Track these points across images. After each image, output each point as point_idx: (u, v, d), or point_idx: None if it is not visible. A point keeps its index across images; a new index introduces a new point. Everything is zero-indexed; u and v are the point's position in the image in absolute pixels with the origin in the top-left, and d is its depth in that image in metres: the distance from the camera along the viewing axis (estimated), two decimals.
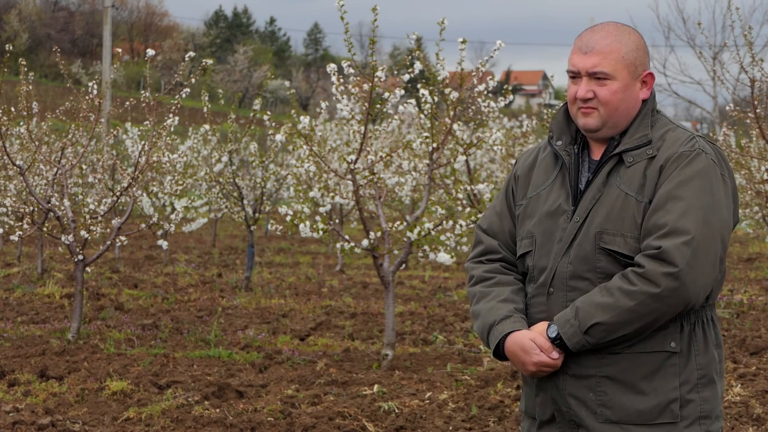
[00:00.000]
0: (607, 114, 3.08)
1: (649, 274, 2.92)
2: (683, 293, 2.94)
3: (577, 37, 3.15)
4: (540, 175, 3.23)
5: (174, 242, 21.41)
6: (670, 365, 3.02)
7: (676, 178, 2.99)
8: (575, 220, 3.09)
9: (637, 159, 3.06)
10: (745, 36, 9.55)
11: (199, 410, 6.89)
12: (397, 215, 18.08)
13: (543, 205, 3.18)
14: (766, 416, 6.77)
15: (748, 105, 10.12)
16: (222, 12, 79.53)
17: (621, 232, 3.02)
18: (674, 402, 3.01)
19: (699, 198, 2.97)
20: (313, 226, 8.55)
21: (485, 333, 3.18)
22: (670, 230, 2.94)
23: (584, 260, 3.05)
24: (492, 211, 3.36)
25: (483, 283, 3.26)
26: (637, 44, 3.11)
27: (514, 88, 68.19)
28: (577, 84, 3.11)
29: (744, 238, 24.44)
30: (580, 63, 3.09)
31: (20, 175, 10.10)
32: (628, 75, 3.08)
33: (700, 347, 3.06)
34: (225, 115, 14.04)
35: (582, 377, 3.06)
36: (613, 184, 3.06)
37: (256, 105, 13.36)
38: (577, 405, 3.06)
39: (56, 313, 11.13)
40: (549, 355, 3.04)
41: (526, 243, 3.20)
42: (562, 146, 3.18)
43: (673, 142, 3.06)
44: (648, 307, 2.94)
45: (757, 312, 11.54)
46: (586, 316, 2.97)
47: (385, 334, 8.66)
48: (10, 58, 10.08)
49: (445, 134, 8.65)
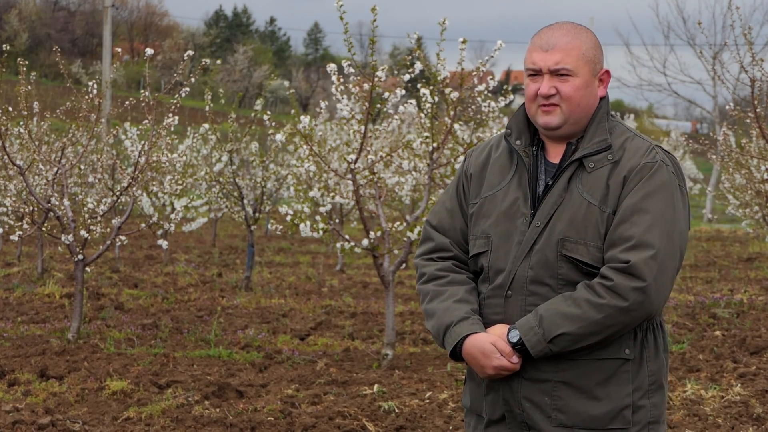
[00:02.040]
0: (569, 110, 3.09)
1: (617, 288, 2.96)
2: (648, 307, 2.99)
3: (535, 36, 3.15)
4: (495, 175, 3.22)
5: (174, 242, 21.41)
6: (623, 372, 3.06)
7: (641, 190, 3.02)
8: (536, 224, 3.09)
9: (599, 164, 3.08)
10: (745, 36, 9.55)
11: (199, 410, 6.89)
12: (397, 215, 18.07)
13: (499, 206, 3.17)
14: (766, 416, 6.78)
15: (748, 105, 10.12)
16: (222, 12, 79.53)
17: (584, 240, 3.04)
18: (627, 408, 3.05)
19: (663, 211, 3.01)
20: (313, 225, 8.55)
21: (441, 333, 3.17)
22: (636, 243, 2.97)
23: (545, 266, 3.06)
24: (442, 208, 3.34)
25: (436, 281, 3.25)
26: (594, 42, 3.14)
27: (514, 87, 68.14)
28: (537, 82, 3.11)
29: (744, 238, 24.43)
30: (542, 60, 3.10)
31: (20, 175, 10.10)
32: (589, 72, 3.11)
33: (651, 353, 3.11)
34: (225, 114, 14.04)
35: (538, 381, 3.07)
36: (575, 190, 3.08)
37: (257, 105, 13.37)
38: (531, 408, 3.08)
39: (56, 312, 11.13)
40: (509, 359, 3.05)
41: (480, 243, 3.19)
42: (521, 146, 3.18)
43: (634, 152, 3.08)
44: (614, 320, 2.98)
45: (757, 312, 11.54)
46: (551, 326, 2.99)
47: (385, 334, 8.66)
48: (9, 57, 10.08)
49: (445, 134, 8.65)
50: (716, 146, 15.13)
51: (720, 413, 6.85)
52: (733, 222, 29.47)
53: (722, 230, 28.19)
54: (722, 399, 7.25)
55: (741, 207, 15.63)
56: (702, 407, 7.03)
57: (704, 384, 7.75)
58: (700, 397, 7.31)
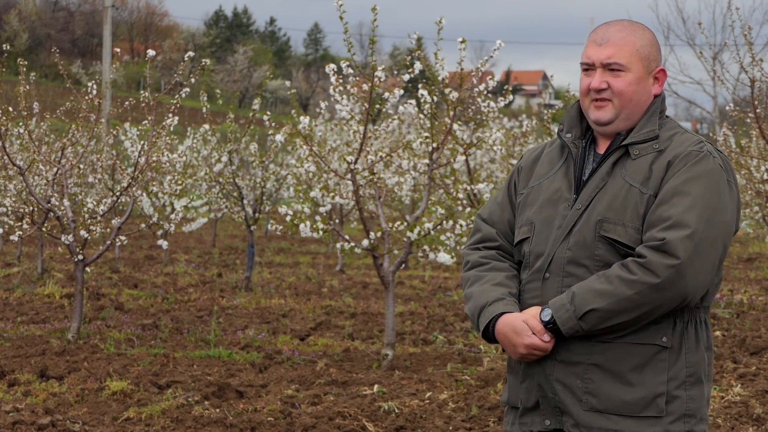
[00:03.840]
0: (620, 105, 3.10)
1: (650, 264, 2.93)
2: (682, 287, 2.95)
3: (592, 32, 3.17)
4: (544, 166, 3.25)
5: (174, 242, 21.41)
6: (660, 359, 3.03)
7: (684, 174, 3.01)
8: (576, 207, 3.10)
9: (643, 152, 3.08)
10: (744, 36, 9.55)
11: (199, 410, 6.89)
12: (397, 215, 18.08)
13: (544, 194, 3.19)
14: (766, 416, 6.77)
15: (748, 105, 10.11)
16: (222, 12, 79.51)
17: (622, 221, 3.03)
18: (660, 396, 3.02)
19: (705, 197, 2.99)
20: (313, 226, 8.54)
21: (476, 314, 3.17)
22: (674, 223, 2.95)
23: (583, 247, 3.06)
24: (493, 202, 3.38)
25: (478, 267, 3.27)
26: (651, 40, 3.14)
27: (514, 88, 68.19)
28: (591, 76, 3.12)
29: (744, 238, 24.42)
30: (595, 54, 3.11)
31: (20, 175, 10.10)
32: (642, 68, 3.11)
33: (691, 346, 3.07)
34: (225, 115, 14.04)
35: (571, 363, 3.06)
36: (618, 175, 3.08)
37: (255, 105, 13.36)
38: (563, 391, 3.06)
39: (56, 313, 11.13)
40: (541, 337, 3.04)
41: (524, 230, 3.21)
42: (571, 139, 3.20)
43: (681, 143, 3.09)
44: (646, 297, 2.94)
45: (757, 312, 11.54)
46: (582, 302, 2.98)
47: (385, 334, 8.66)
48: (9, 57, 10.08)
49: (444, 134, 8.65)
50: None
51: (720, 413, 6.85)
52: None
53: None
54: (722, 399, 7.25)
55: (741, 207, 15.62)
56: None
57: None
58: None
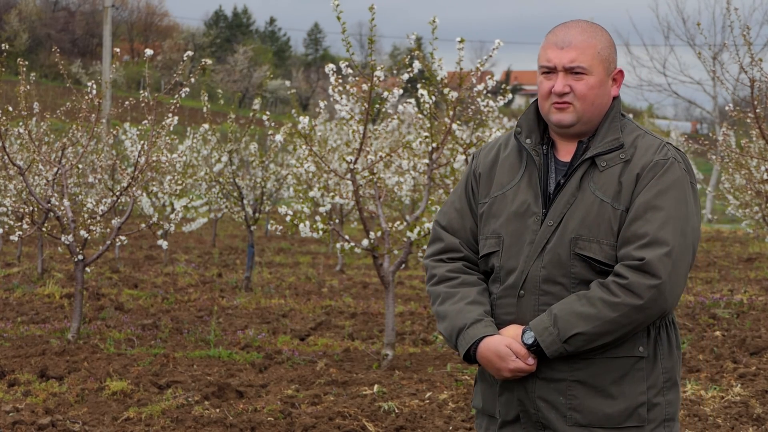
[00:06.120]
0: (582, 109, 3.08)
1: (632, 286, 2.94)
2: (663, 304, 2.98)
3: (550, 33, 3.14)
4: (504, 174, 3.20)
5: (174, 242, 21.41)
6: (638, 369, 3.05)
7: (654, 187, 3.01)
8: (548, 223, 3.07)
9: (611, 163, 3.07)
10: (744, 36, 9.56)
11: (199, 410, 6.89)
12: (397, 215, 18.07)
13: (510, 206, 3.15)
14: (766, 416, 6.78)
15: (747, 105, 10.12)
16: (222, 12, 79.49)
17: (597, 238, 3.03)
18: (642, 406, 3.05)
19: (676, 209, 3.00)
20: (313, 226, 8.55)
21: (454, 336, 3.14)
22: (651, 240, 2.96)
23: (558, 265, 3.05)
24: (451, 208, 3.31)
25: (447, 282, 3.22)
26: (609, 41, 3.14)
27: (514, 88, 68.17)
28: (551, 79, 3.10)
29: (744, 238, 24.43)
30: (557, 58, 3.08)
31: (20, 175, 10.10)
32: (603, 71, 3.10)
33: (665, 351, 3.10)
34: (225, 115, 14.04)
35: (553, 381, 3.06)
36: (587, 189, 3.06)
37: (255, 105, 13.36)
38: (546, 408, 3.07)
39: (56, 313, 11.13)
40: (525, 361, 3.04)
41: (491, 243, 3.17)
42: (531, 145, 3.16)
43: (645, 150, 3.08)
44: (629, 318, 2.96)
45: (757, 312, 11.54)
46: (566, 326, 2.98)
47: (385, 334, 8.66)
48: (9, 57, 10.07)
49: (444, 134, 8.65)
50: (716, 147, 15.13)
51: (720, 413, 6.85)
52: (733, 222, 29.46)
53: (722, 230, 28.18)
54: (722, 399, 7.25)
55: (741, 207, 15.63)
56: (702, 407, 7.03)
57: (704, 384, 7.75)
58: (700, 398, 7.31)
